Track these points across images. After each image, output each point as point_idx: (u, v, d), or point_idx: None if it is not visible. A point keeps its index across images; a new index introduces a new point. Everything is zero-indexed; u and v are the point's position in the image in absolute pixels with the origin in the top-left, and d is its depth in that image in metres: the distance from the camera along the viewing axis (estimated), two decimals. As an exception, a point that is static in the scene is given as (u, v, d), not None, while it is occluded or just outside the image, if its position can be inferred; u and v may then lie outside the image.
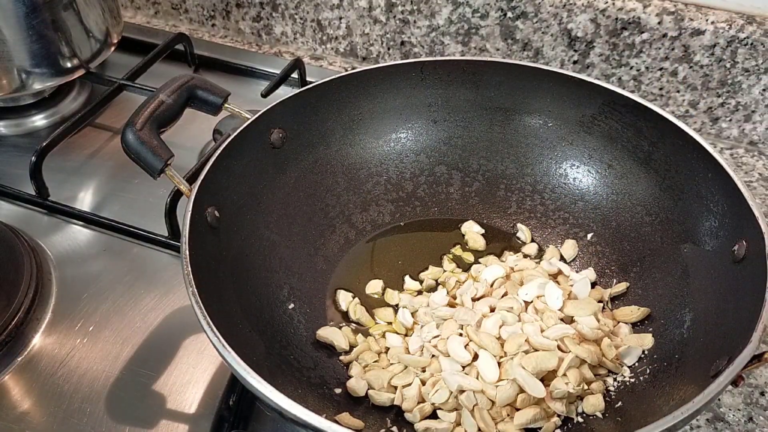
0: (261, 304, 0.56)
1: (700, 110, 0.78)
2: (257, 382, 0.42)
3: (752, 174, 0.76)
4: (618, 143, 0.62)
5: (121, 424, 0.53)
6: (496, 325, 0.53)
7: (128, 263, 0.66)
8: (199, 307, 0.45)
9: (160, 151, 0.53)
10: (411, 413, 0.51)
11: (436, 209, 0.67)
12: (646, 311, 0.56)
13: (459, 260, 0.64)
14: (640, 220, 0.60)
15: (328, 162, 0.65)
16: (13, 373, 0.57)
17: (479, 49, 0.84)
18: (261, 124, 0.59)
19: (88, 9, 0.77)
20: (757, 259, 0.47)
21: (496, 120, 0.66)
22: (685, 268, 0.55)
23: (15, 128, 0.82)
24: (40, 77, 0.77)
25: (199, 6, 0.97)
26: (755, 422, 0.55)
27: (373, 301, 0.61)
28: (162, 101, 0.55)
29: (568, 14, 0.76)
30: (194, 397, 0.55)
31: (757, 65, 0.72)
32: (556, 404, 0.49)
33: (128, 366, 0.57)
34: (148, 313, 0.61)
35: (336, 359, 0.56)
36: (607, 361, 0.52)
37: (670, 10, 0.73)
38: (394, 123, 0.67)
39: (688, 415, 0.40)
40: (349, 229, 0.65)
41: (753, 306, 0.45)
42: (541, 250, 0.64)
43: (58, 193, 0.72)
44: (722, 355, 0.44)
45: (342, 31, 0.90)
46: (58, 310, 0.62)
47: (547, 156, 0.66)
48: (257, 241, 0.59)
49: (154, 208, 0.67)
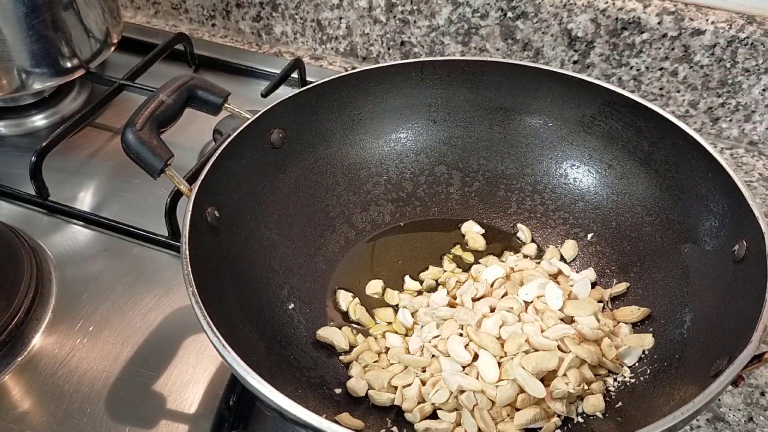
0: (261, 304, 0.56)
1: (700, 110, 0.78)
2: (257, 382, 0.42)
3: (752, 174, 0.76)
4: (618, 143, 0.62)
5: (121, 424, 0.53)
6: (496, 325, 0.53)
7: (128, 263, 0.66)
8: (199, 307, 0.45)
9: (160, 151, 0.53)
10: (411, 413, 0.51)
11: (436, 209, 0.67)
12: (647, 311, 0.56)
13: (459, 260, 0.64)
14: (641, 220, 0.60)
15: (328, 162, 0.65)
16: (13, 373, 0.57)
17: (479, 49, 0.84)
18: (261, 124, 0.59)
19: (88, 9, 0.77)
20: (758, 259, 0.47)
21: (496, 120, 0.66)
22: (685, 268, 0.55)
23: (15, 128, 0.82)
24: (40, 77, 0.77)
25: (199, 6, 0.97)
26: (755, 422, 0.55)
27: (373, 301, 0.61)
28: (162, 101, 0.55)
29: (568, 14, 0.76)
30: (194, 397, 0.55)
31: (757, 65, 0.72)
32: (557, 404, 0.49)
33: (128, 366, 0.57)
34: (148, 313, 0.61)
35: (336, 359, 0.56)
36: (608, 361, 0.52)
37: (670, 10, 0.73)
38: (394, 123, 0.67)
39: (689, 416, 0.40)
40: (349, 229, 0.65)
41: (753, 306, 0.45)
42: (541, 250, 0.64)
43: (58, 193, 0.72)
44: (722, 355, 0.44)
45: (342, 31, 0.90)
46: (58, 310, 0.62)
47: (547, 156, 0.66)
48: (257, 241, 0.59)
49: (154, 208, 0.67)
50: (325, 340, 0.56)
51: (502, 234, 0.66)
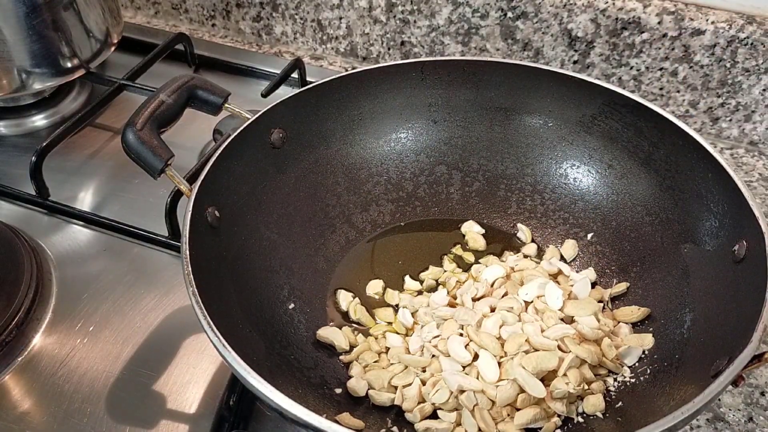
0: (261, 304, 0.56)
1: (700, 110, 0.78)
2: (257, 382, 0.42)
3: (752, 174, 0.76)
4: (618, 143, 0.62)
5: (121, 424, 0.53)
6: (496, 325, 0.53)
7: (128, 263, 0.66)
8: (199, 307, 0.45)
9: (161, 151, 0.53)
10: (411, 413, 0.51)
11: (437, 209, 0.67)
12: (647, 311, 0.56)
13: (459, 260, 0.64)
14: (641, 220, 0.60)
15: (329, 162, 0.65)
16: (13, 373, 0.57)
17: (479, 49, 0.84)
18: (261, 124, 0.59)
19: (88, 9, 0.77)
20: (758, 259, 0.47)
21: (497, 120, 0.66)
22: (685, 268, 0.55)
23: (15, 128, 0.82)
24: (40, 77, 0.77)
25: (199, 6, 0.97)
26: (755, 422, 0.55)
27: (373, 301, 0.61)
28: (162, 101, 0.55)
29: (568, 14, 0.76)
30: (194, 397, 0.55)
31: (757, 65, 0.72)
32: (557, 404, 0.49)
33: (128, 366, 0.57)
34: (149, 313, 0.61)
35: (336, 359, 0.56)
36: (608, 361, 0.52)
37: (670, 10, 0.73)
38: (395, 123, 0.67)
39: (689, 415, 0.40)
40: (349, 229, 0.65)
41: (753, 306, 0.45)
42: (541, 250, 0.64)
43: (59, 193, 0.72)
44: (722, 355, 0.44)
45: (342, 31, 0.90)
46: (58, 310, 0.62)
47: (547, 156, 0.66)
48: (257, 241, 0.59)
49: (154, 208, 0.67)
50: (325, 340, 0.56)
51: (502, 234, 0.66)
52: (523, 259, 0.62)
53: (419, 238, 0.66)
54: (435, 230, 0.67)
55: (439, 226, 0.67)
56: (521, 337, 0.51)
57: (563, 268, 0.60)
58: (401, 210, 0.67)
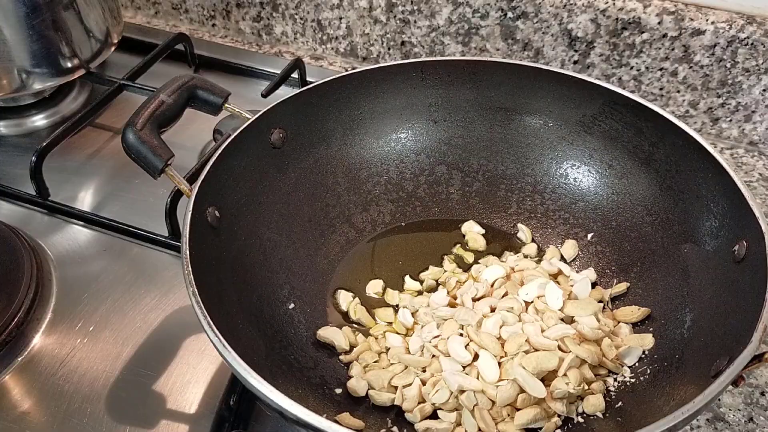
0: (261, 304, 0.56)
1: (700, 110, 0.78)
2: (258, 382, 0.42)
3: (752, 174, 0.76)
4: (618, 143, 0.62)
5: (121, 424, 0.53)
6: (496, 325, 0.53)
7: (128, 263, 0.66)
8: (199, 307, 0.45)
9: (161, 151, 0.53)
10: (411, 413, 0.51)
11: (437, 209, 0.67)
12: (647, 311, 0.56)
13: (459, 260, 0.64)
14: (641, 220, 0.60)
15: (329, 162, 0.65)
16: (13, 373, 0.57)
17: (479, 49, 0.84)
18: (261, 124, 0.59)
19: (89, 9, 0.78)
20: (758, 259, 0.47)
21: (497, 120, 0.66)
22: (685, 268, 0.55)
23: (15, 128, 0.82)
24: (40, 77, 0.77)
25: (200, 6, 0.97)
26: (755, 422, 0.55)
27: (373, 301, 0.61)
28: (162, 101, 0.55)
29: (568, 14, 0.76)
30: (194, 397, 0.55)
31: (757, 65, 0.72)
32: (557, 404, 0.49)
33: (128, 366, 0.57)
34: (149, 313, 0.61)
35: (336, 359, 0.56)
36: (608, 361, 0.52)
37: (670, 10, 0.73)
38: (395, 123, 0.67)
39: (689, 416, 0.40)
40: (349, 229, 0.65)
41: (753, 306, 0.45)
42: (542, 250, 0.64)
43: (59, 193, 0.72)
44: (722, 355, 0.44)
45: (342, 31, 0.90)
46: (58, 310, 0.62)
47: (547, 156, 0.66)
48: (257, 241, 0.59)
49: (154, 208, 0.67)
50: (325, 340, 0.56)
51: (503, 234, 0.66)
52: (523, 259, 0.62)
53: (419, 238, 0.66)
54: (435, 230, 0.67)
55: (439, 226, 0.67)
56: (521, 337, 0.51)
57: (563, 268, 0.60)
58: (401, 210, 0.67)
